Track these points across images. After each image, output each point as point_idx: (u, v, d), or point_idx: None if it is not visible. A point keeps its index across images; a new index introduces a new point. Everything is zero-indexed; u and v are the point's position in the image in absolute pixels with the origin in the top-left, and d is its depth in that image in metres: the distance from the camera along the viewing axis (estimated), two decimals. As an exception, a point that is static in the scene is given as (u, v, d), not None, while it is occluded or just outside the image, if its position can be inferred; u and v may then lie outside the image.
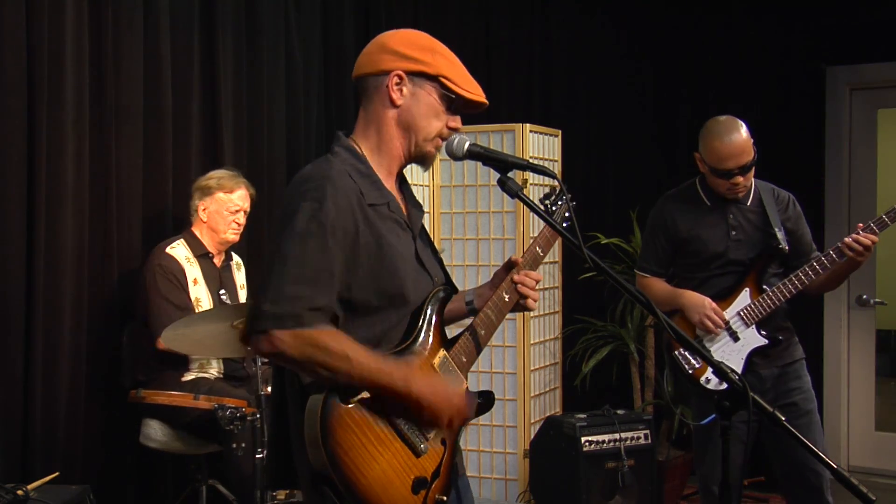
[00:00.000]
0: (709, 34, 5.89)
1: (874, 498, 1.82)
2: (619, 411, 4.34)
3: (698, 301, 3.33)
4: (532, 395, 4.76)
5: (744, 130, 3.28)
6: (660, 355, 5.31)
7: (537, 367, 4.83)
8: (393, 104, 2.05)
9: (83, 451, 3.56)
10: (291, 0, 4.50)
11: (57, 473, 3.07)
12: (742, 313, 3.33)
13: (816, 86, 5.58)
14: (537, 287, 2.24)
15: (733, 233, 3.37)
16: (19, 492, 2.78)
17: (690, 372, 3.31)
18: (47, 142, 3.38)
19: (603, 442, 4.17)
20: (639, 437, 4.26)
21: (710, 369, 3.30)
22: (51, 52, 3.38)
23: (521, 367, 4.67)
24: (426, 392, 1.94)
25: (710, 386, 3.29)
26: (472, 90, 2.09)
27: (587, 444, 4.14)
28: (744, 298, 3.35)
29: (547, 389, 4.95)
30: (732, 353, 3.33)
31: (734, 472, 3.25)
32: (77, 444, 3.53)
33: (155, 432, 3.66)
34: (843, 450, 5.63)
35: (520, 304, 2.23)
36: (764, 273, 3.36)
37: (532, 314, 4.75)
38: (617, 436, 4.19)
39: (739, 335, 3.33)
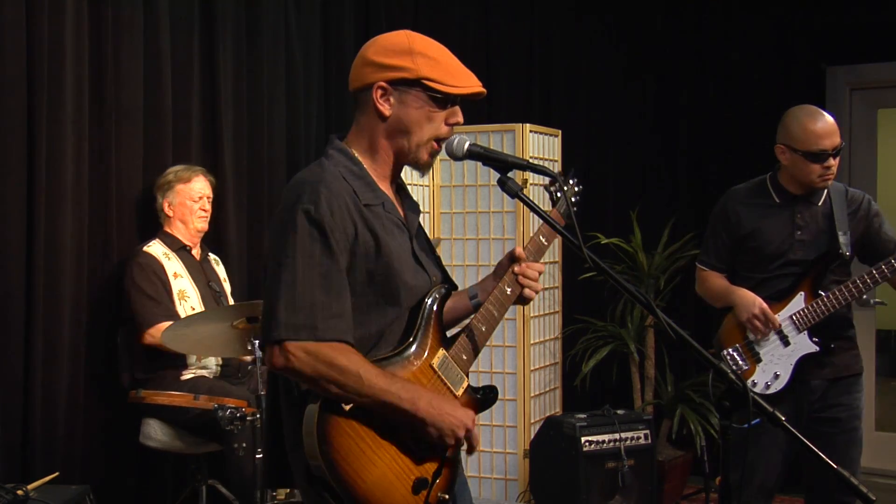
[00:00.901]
0: (709, 34, 5.89)
1: (874, 498, 1.82)
2: (619, 411, 4.33)
3: (749, 300, 3.24)
4: (532, 395, 4.75)
5: (828, 114, 3.22)
6: (660, 354, 5.31)
7: (537, 367, 4.83)
8: (381, 116, 2.03)
9: (83, 451, 3.57)
10: (291, 0, 4.51)
11: (57, 473, 3.06)
12: (794, 317, 3.23)
13: (816, 86, 5.58)
14: (539, 281, 2.21)
15: (798, 232, 3.26)
16: (19, 492, 2.78)
17: (739, 373, 3.25)
18: (47, 142, 3.39)
19: (603, 442, 4.17)
20: (639, 437, 4.25)
21: (757, 371, 3.26)
22: (51, 52, 3.39)
23: (521, 367, 4.67)
24: (430, 416, 1.94)
25: (756, 389, 3.22)
26: (461, 84, 2.04)
27: (587, 444, 4.13)
28: (797, 302, 3.25)
29: (547, 389, 4.95)
30: (781, 357, 3.24)
31: (775, 481, 3.22)
32: (77, 444, 3.54)
33: (155, 432, 3.66)
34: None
35: (520, 296, 2.20)
36: (822, 278, 3.24)
37: (532, 314, 4.75)
38: (617, 436, 4.19)
39: (790, 340, 3.24)
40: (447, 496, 2.03)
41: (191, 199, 3.83)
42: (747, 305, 3.24)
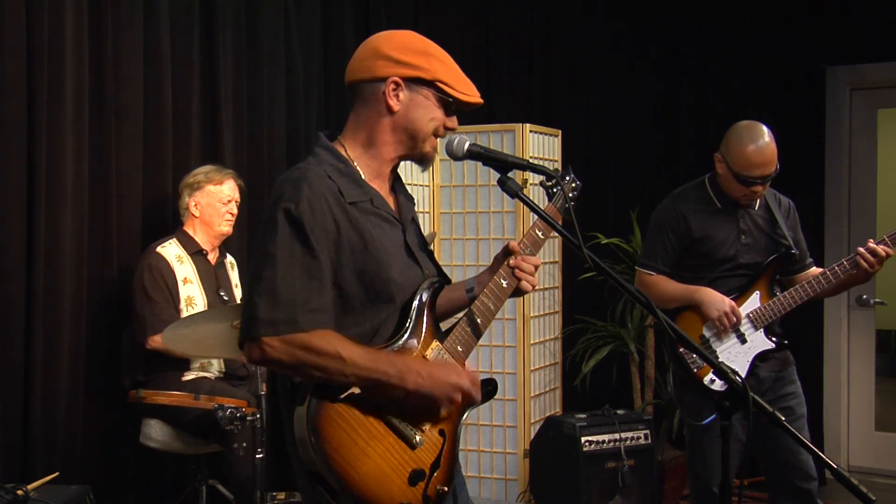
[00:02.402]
0: (709, 34, 5.89)
1: (874, 498, 1.82)
2: (619, 411, 4.34)
3: (718, 298, 3.31)
4: (532, 395, 4.75)
5: (772, 140, 3.25)
6: (660, 354, 5.31)
7: (537, 367, 4.83)
8: (389, 111, 2.05)
9: (83, 451, 3.57)
10: (291, 0, 4.51)
11: (57, 473, 3.07)
12: (751, 315, 3.34)
13: (816, 86, 5.58)
14: (536, 274, 2.20)
15: (743, 237, 3.37)
16: (19, 492, 2.78)
17: (695, 370, 3.31)
18: (47, 142, 3.39)
19: (603, 442, 4.17)
20: (639, 437, 4.25)
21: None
22: (51, 52, 3.39)
23: (521, 367, 4.67)
24: (422, 384, 1.94)
25: (714, 387, 3.27)
26: (468, 92, 2.08)
27: (587, 444, 4.14)
28: (754, 301, 3.35)
29: (547, 389, 4.95)
30: (739, 354, 3.33)
31: (732, 472, 3.27)
32: (77, 444, 3.53)
33: (155, 432, 3.66)
34: (843, 450, 5.63)
35: (517, 289, 2.20)
36: (775, 277, 3.38)
37: (532, 314, 4.74)
38: (617, 436, 4.19)
39: (747, 337, 3.34)
40: (446, 489, 2.03)
41: (220, 201, 3.82)
42: (717, 303, 3.32)
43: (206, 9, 4.11)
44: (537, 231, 2.24)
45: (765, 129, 3.28)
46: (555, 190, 2.27)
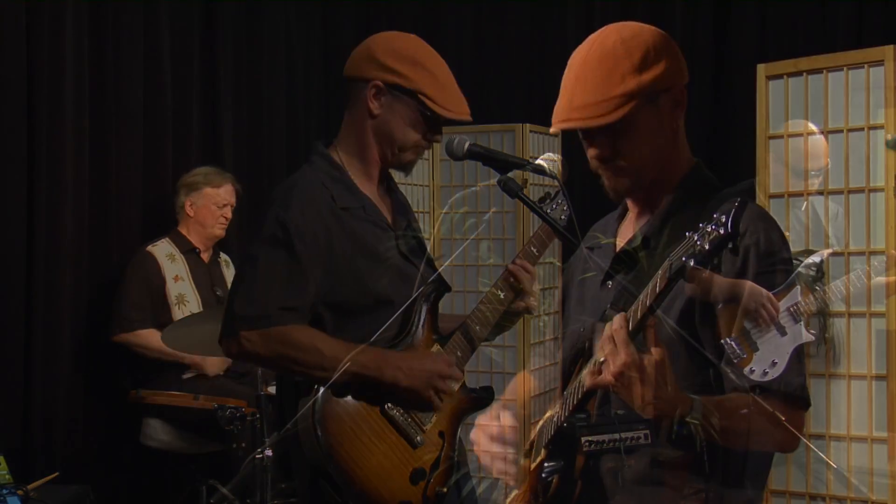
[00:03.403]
0: (708, 34, 5.89)
1: (874, 497, 1.83)
2: (619, 411, 4.33)
3: (756, 289, 3.36)
4: (532, 395, 4.75)
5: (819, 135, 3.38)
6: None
7: (537, 367, 4.83)
8: (370, 114, 2.05)
9: (83, 451, 3.57)
10: (291, 1, 4.51)
11: (57, 473, 3.07)
12: (791, 309, 3.39)
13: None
14: (537, 286, 2.23)
15: (787, 233, 3.43)
16: (19, 492, 2.78)
17: (736, 361, 3.35)
18: (47, 142, 3.39)
19: (603, 442, 4.16)
20: (639, 437, 4.24)
21: (755, 359, 3.36)
22: (51, 52, 3.39)
23: (521, 366, 4.67)
24: (399, 376, 1.96)
25: (753, 377, 3.32)
26: (452, 107, 2.07)
27: (587, 444, 4.13)
28: (794, 295, 3.40)
29: (547, 389, 4.95)
30: (779, 346, 3.38)
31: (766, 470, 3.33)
32: (77, 444, 3.54)
33: (155, 432, 3.66)
34: (843, 450, 5.62)
35: (520, 305, 2.20)
36: (818, 273, 3.43)
37: (532, 314, 4.74)
38: (617, 436, 4.18)
39: (787, 330, 3.40)
40: (445, 489, 2.06)
41: (216, 204, 3.82)
42: (757, 295, 3.35)
43: (206, 8, 4.12)
44: (532, 248, 2.27)
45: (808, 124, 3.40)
46: (549, 210, 2.30)
